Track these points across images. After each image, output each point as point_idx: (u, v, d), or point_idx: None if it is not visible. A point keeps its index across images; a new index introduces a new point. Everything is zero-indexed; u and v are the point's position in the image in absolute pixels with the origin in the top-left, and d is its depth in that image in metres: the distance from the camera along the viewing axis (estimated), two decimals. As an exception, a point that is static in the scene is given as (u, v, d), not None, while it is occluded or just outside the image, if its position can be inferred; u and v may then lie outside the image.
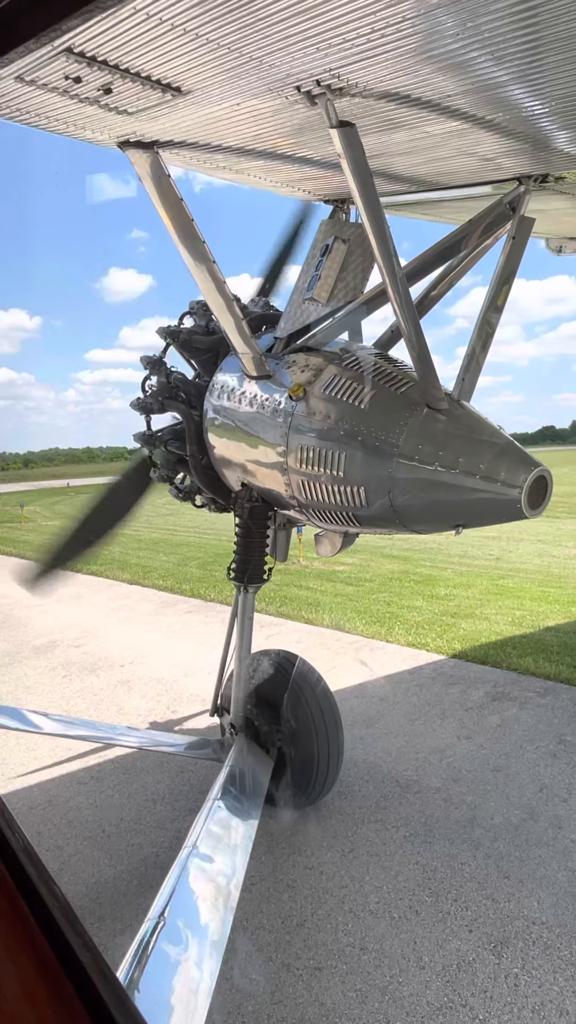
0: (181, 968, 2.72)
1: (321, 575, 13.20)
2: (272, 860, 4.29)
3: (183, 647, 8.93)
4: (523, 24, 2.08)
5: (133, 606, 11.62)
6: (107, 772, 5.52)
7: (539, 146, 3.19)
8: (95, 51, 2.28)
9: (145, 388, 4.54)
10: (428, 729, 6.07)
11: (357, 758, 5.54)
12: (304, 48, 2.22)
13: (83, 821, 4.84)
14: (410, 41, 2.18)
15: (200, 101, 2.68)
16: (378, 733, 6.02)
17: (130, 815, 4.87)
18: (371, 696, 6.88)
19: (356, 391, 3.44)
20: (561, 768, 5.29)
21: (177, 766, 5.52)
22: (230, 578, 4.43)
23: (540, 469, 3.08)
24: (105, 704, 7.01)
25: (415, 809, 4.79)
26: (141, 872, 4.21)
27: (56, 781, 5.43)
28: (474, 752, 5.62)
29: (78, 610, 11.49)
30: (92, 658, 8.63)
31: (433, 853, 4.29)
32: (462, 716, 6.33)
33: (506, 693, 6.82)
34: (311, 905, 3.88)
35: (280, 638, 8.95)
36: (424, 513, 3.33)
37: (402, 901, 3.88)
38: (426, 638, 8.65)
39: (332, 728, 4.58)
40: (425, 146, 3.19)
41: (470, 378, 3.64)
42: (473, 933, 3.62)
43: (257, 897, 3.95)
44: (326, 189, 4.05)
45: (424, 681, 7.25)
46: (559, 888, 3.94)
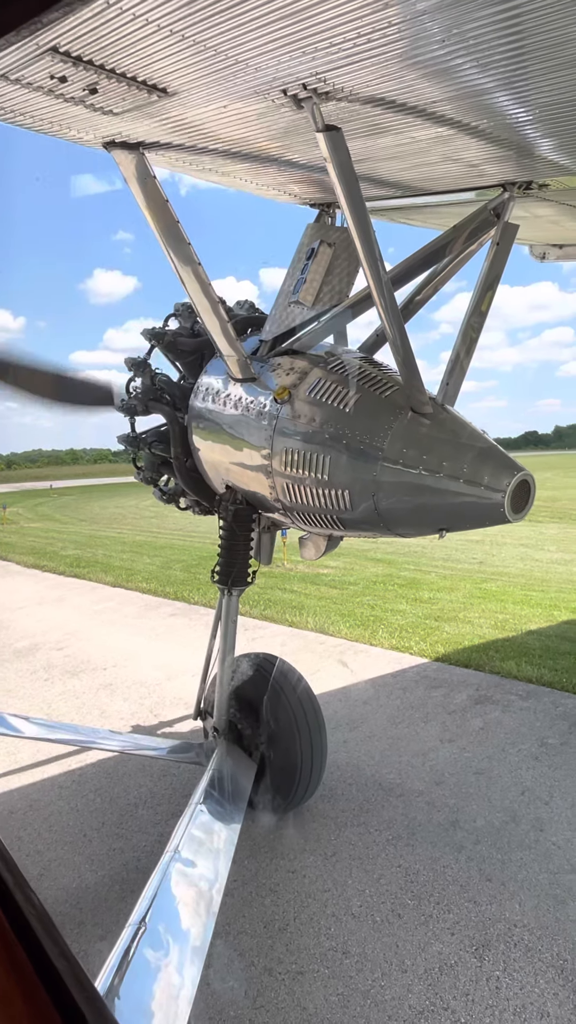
0: (162, 974, 2.70)
1: (305, 578, 13.19)
2: (255, 864, 4.26)
3: (167, 650, 8.88)
4: (508, 32, 2.10)
5: (116, 609, 11.55)
6: (88, 776, 5.48)
7: (523, 153, 3.22)
8: (81, 51, 2.27)
9: (129, 390, 4.52)
10: (411, 732, 6.09)
11: (340, 761, 5.53)
12: (290, 51, 2.23)
13: (64, 826, 4.79)
14: (396, 46, 2.19)
15: (186, 103, 2.67)
16: (361, 736, 6.02)
17: (112, 819, 4.83)
18: (355, 699, 6.87)
19: (341, 394, 3.45)
20: (543, 771, 5.31)
21: (159, 770, 5.48)
22: (214, 581, 4.41)
23: (523, 473, 3.10)
24: (87, 707, 6.95)
25: (398, 812, 4.79)
26: (123, 877, 4.17)
27: (37, 785, 5.37)
28: (457, 755, 5.63)
29: (61, 613, 11.40)
30: (74, 661, 8.56)
31: (416, 856, 4.29)
32: (445, 719, 6.34)
33: (489, 696, 6.85)
34: (294, 909, 3.87)
35: (264, 641, 8.93)
36: (408, 517, 3.33)
37: (384, 904, 3.87)
38: (410, 641, 8.67)
39: (316, 731, 4.57)
40: (411, 151, 3.20)
41: (454, 382, 3.66)
42: (455, 936, 3.62)
43: (239, 901, 3.93)
44: (312, 193, 4.06)
45: (408, 684, 7.27)
46: (540, 890, 3.95)
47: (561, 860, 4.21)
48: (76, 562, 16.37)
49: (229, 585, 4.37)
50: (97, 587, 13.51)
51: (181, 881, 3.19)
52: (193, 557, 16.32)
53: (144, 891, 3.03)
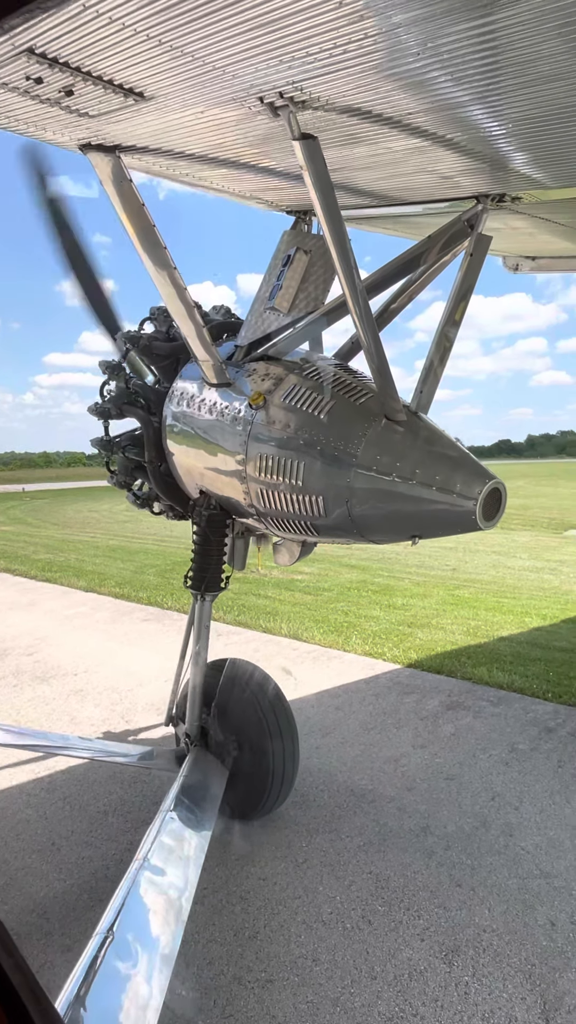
0: (130, 984, 2.66)
1: (280, 584, 13.16)
2: (225, 871, 4.23)
3: (139, 656, 8.80)
4: (482, 47, 2.13)
5: (88, 614, 11.42)
6: (58, 784, 5.40)
7: (497, 166, 3.26)
8: (57, 52, 2.26)
9: (103, 393, 4.48)
10: (383, 738, 6.10)
11: (312, 767, 5.53)
12: (267, 60, 2.24)
13: (32, 834, 4.71)
14: (372, 58, 2.21)
15: (163, 107, 2.67)
16: (334, 742, 6.02)
17: (81, 827, 4.77)
18: (328, 705, 6.87)
19: (316, 401, 3.46)
20: (513, 776, 5.36)
21: (130, 777, 5.43)
22: (187, 586, 4.39)
23: (494, 482, 3.14)
24: (57, 714, 6.86)
25: (369, 818, 4.80)
26: (92, 886, 4.12)
27: (3, 793, 5.29)
28: (428, 761, 5.66)
29: (31, 617, 11.25)
30: (44, 666, 8.45)
31: (387, 862, 4.30)
32: (417, 725, 6.37)
33: (460, 702, 6.90)
34: (264, 917, 3.85)
35: (237, 647, 8.90)
36: (381, 523, 3.35)
37: (355, 911, 3.87)
38: (383, 647, 8.70)
39: (288, 738, 4.56)
40: (386, 161, 3.23)
41: (428, 390, 3.69)
42: (425, 942, 3.63)
43: (209, 909, 3.90)
44: (288, 200, 4.08)
45: (380, 690, 7.30)
46: (509, 895, 3.98)
47: (530, 865, 4.25)
48: (48, 566, 16.15)
49: (202, 591, 4.35)
50: (69, 592, 13.37)
51: (150, 889, 3.16)
52: (167, 562, 16.21)
53: (112, 900, 2.99)
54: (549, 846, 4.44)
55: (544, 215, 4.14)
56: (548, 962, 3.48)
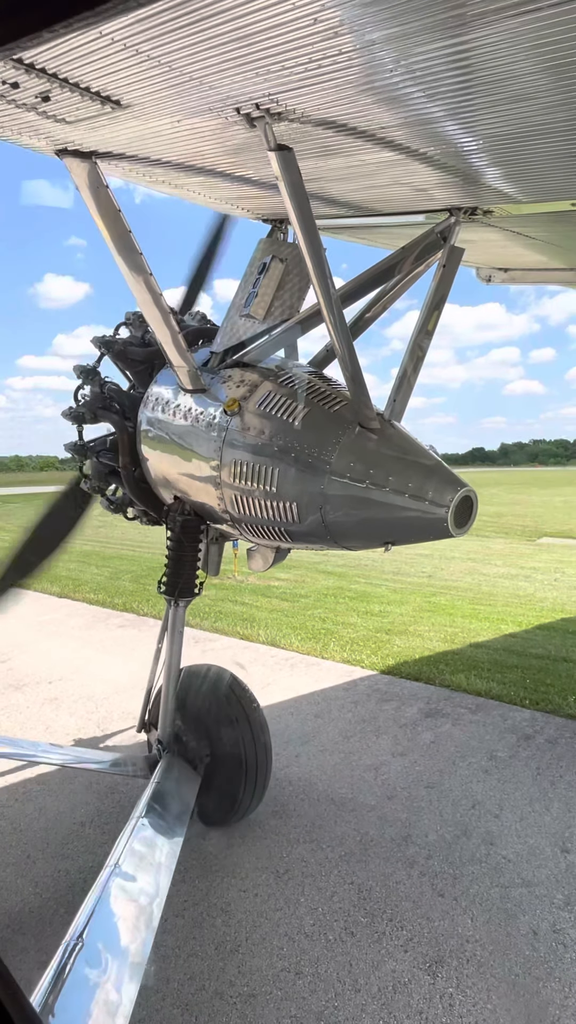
0: (99, 991, 2.65)
1: (256, 590, 13.14)
2: (206, 883, 4.20)
3: (115, 663, 8.72)
4: (455, 65, 2.18)
5: (63, 620, 11.29)
6: (32, 794, 5.32)
7: (469, 180, 3.33)
8: (33, 58, 2.26)
9: (78, 398, 4.46)
10: (363, 746, 6.10)
11: (292, 776, 5.51)
12: (244, 72, 2.26)
13: (5, 846, 4.64)
14: (348, 72, 2.24)
15: (140, 115, 2.68)
16: (313, 751, 6.01)
17: (56, 839, 4.69)
18: (306, 713, 6.85)
19: (290, 408, 3.49)
20: (493, 784, 5.38)
21: (106, 786, 5.37)
22: (160, 592, 4.38)
23: (466, 489, 3.19)
24: (32, 722, 6.76)
25: (350, 828, 4.78)
26: (68, 900, 4.04)
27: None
28: (408, 769, 5.66)
29: (3, 624, 10.97)
30: (18, 674, 8.33)
31: (368, 873, 4.29)
32: (396, 733, 6.38)
33: (439, 710, 6.92)
34: (246, 929, 3.82)
35: (215, 654, 8.86)
36: (354, 530, 3.39)
37: (337, 923, 3.85)
38: (361, 655, 8.72)
39: (261, 744, 4.57)
40: (361, 173, 3.28)
41: (401, 398, 3.73)
42: (408, 953, 3.62)
43: (190, 922, 3.86)
44: (264, 209, 4.11)
45: (359, 698, 7.30)
46: (491, 905, 3.98)
47: (512, 874, 4.25)
48: None
49: (176, 596, 4.35)
50: (42, 598, 13.16)
51: (120, 896, 3.14)
52: (142, 568, 16.07)
53: (82, 906, 2.97)
54: (530, 854, 4.45)
55: (516, 228, 4.23)
56: (531, 972, 3.48)
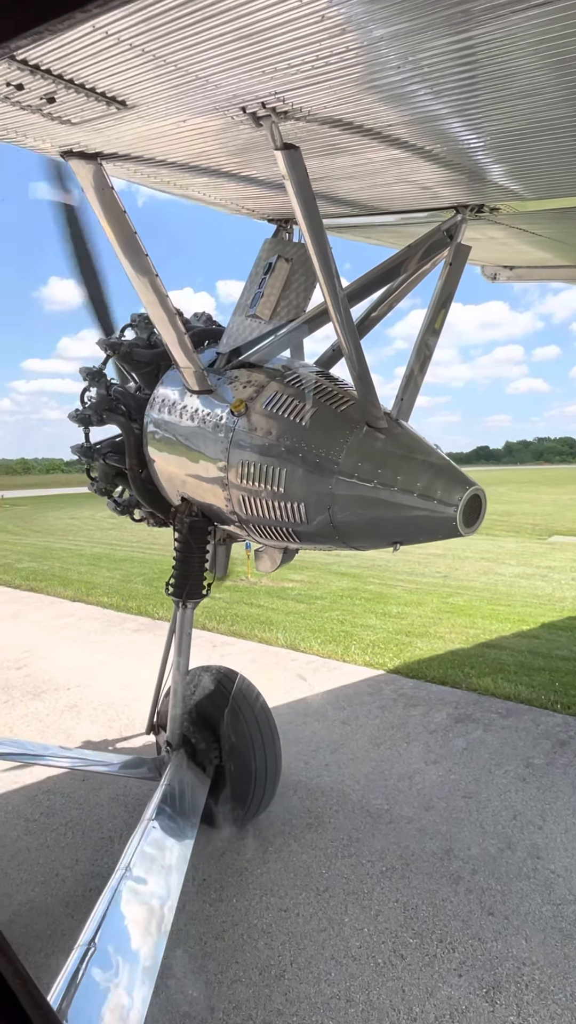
0: (111, 996, 2.64)
1: (271, 592, 12.96)
2: (244, 903, 4.00)
3: (133, 668, 8.52)
4: (460, 62, 2.17)
5: (77, 625, 11.13)
6: (57, 808, 5.15)
7: (475, 178, 3.31)
8: (39, 59, 2.26)
9: (84, 400, 4.46)
10: (394, 754, 5.90)
11: (324, 786, 5.33)
12: (250, 70, 2.25)
13: (34, 864, 4.47)
14: (353, 70, 2.23)
15: (145, 116, 2.68)
16: (344, 759, 5.82)
17: (86, 856, 4.52)
18: (333, 719, 6.65)
19: (297, 408, 3.48)
20: (532, 793, 5.17)
21: (134, 799, 5.17)
22: (168, 593, 4.37)
23: (475, 488, 3.17)
24: (52, 731, 6.60)
25: (389, 841, 4.57)
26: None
27: (0, 820, 5.17)
28: (443, 778, 5.45)
29: (18, 629, 10.99)
30: (35, 681, 8.18)
31: (412, 889, 4.08)
32: (427, 739, 6.17)
33: (469, 715, 6.71)
34: (290, 952, 3.60)
35: (234, 658, 8.72)
36: (363, 530, 3.37)
37: (385, 944, 3.64)
38: (383, 657, 8.54)
39: (270, 744, 4.56)
40: (367, 172, 3.27)
41: (408, 398, 3.72)
42: (463, 978, 3.40)
43: (231, 945, 3.67)
44: (270, 208, 4.10)
45: (386, 703, 7.09)
46: (545, 924, 3.76)
47: (563, 890, 4.05)
48: (32, 575, 15.77)
49: (184, 598, 4.34)
50: (56, 602, 13.04)
51: (132, 899, 3.14)
52: (154, 570, 15.88)
53: (93, 911, 2.97)
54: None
55: (521, 225, 4.21)
56: (595, 997, 3.24)
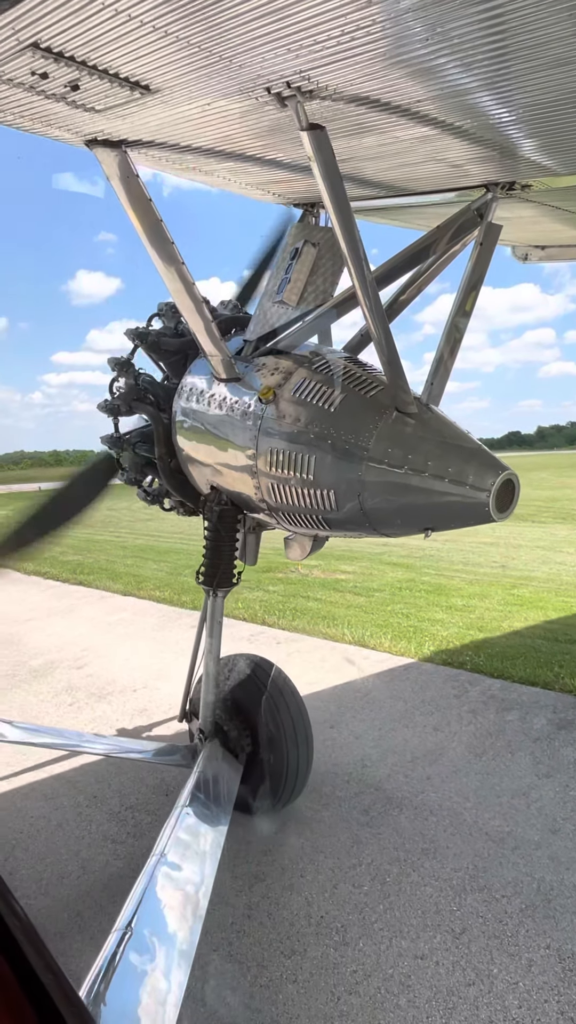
0: (149, 979, 2.67)
1: (325, 584, 12.32)
2: (373, 947, 3.49)
3: None
4: (491, 31, 2.10)
5: (132, 620, 10.53)
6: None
7: (506, 154, 3.23)
8: (62, 47, 2.25)
9: (113, 390, 4.48)
10: (500, 766, 5.35)
11: (431, 804, 4.81)
12: (275, 49, 2.22)
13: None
14: (380, 45, 2.18)
15: (169, 100, 2.65)
16: (445, 771, 5.28)
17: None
18: (422, 725, 6.12)
19: (326, 394, 3.44)
20: None
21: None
22: (199, 582, 4.39)
23: (508, 473, 3.11)
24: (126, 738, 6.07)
25: (521, 872, 4.04)
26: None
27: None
28: (562, 794, 4.86)
29: (73, 625, 10.39)
30: (99, 681, 7.69)
31: (563, 933, 3.54)
32: (532, 749, 5.58)
33: (571, 720, 6.07)
34: (439, 1014, 3.07)
35: (302, 656, 8.12)
36: (394, 516, 3.33)
37: (550, 1005, 3.08)
38: (462, 656, 7.83)
39: (302, 732, 4.56)
40: (394, 151, 3.21)
41: (438, 382, 3.66)
42: None
43: (369, 1002, 3.15)
44: (296, 193, 4.06)
45: (475, 706, 6.48)
46: None
47: None
48: (79, 568, 15.12)
49: (214, 586, 4.35)
50: (106, 596, 12.42)
51: (167, 885, 3.16)
52: (201, 562, 14.78)
53: (130, 895, 3.00)
54: None
55: (554, 203, 4.10)
56: None
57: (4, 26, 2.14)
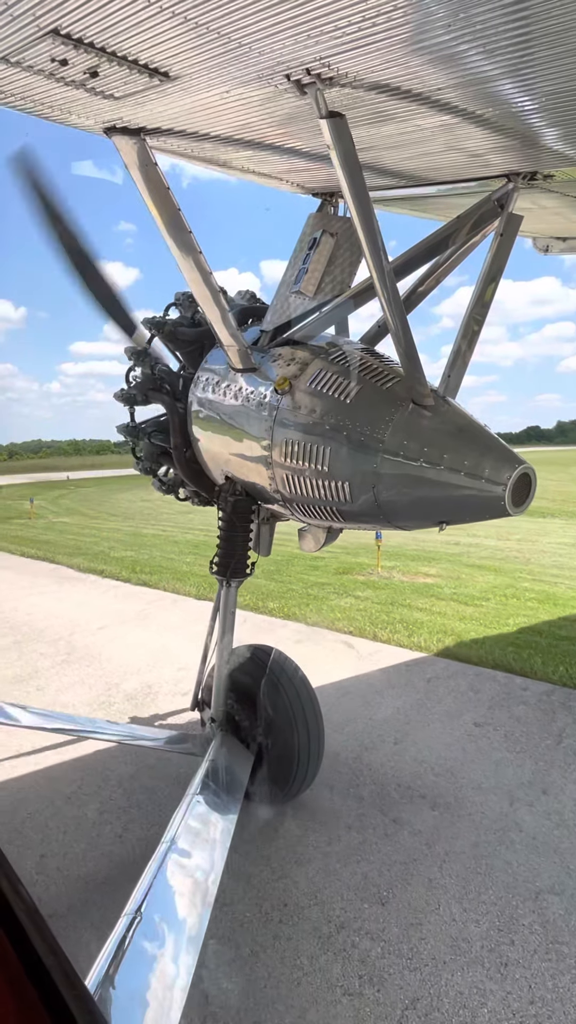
0: (157, 964, 2.70)
1: (417, 590, 11.05)
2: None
3: (330, 701, 6.34)
4: (515, 17, 2.07)
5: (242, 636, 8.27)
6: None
7: (528, 143, 3.18)
8: (82, 33, 2.24)
9: (129, 379, 4.49)
10: None
11: None
12: (294, 35, 2.19)
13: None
14: (401, 31, 2.15)
15: (188, 87, 2.64)
16: None
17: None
18: None
19: (342, 386, 3.43)
20: None
21: None
22: (212, 572, 4.40)
23: (524, 467, 3.09)
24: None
25: None
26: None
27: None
28: None
29: (154, 635, 9.03)
30: None
31: None
32: None
33: None
34: None
35: (446, 684, 6.90)
36: (408, 509, 3.32)
37: None
38: None
39: (312, 722, 4.56)
40: (414, 140, 3.17)
41: (456, 375, 3.63)
42: None
43: None
44: (315, 182, 4.03)
45: None
46: None
47: None
48: (136, 566, 13.79)
49: (228, 577, 4.36)
50: (179, 599, 10.97)
51: (177, 871, 3.19)
52: (269, 562, 12.47)
53: (140, 881, 3.03)
54: None
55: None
56: None
57: (25, 12, 2.13)
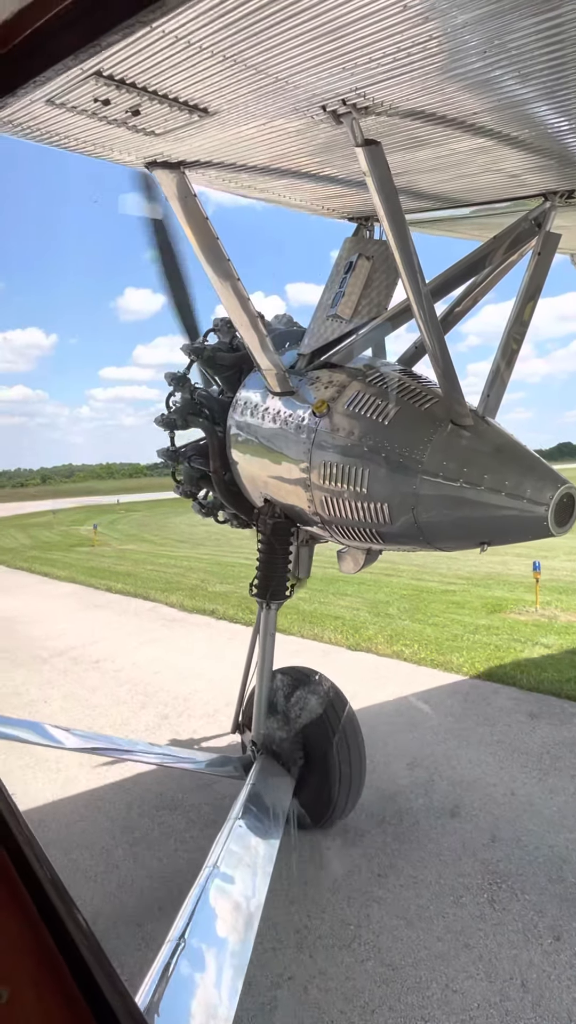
0: (200, 991, 2.68)
1: (545, 627, 9.70)
2: None
3: (516, 775, 5.39)
4: (549, 42, 2.08)
5: (382, 681, 7.78)
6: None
7: (565, 162, 3.18)
8: (124, 74, 2.32)
9: (169, 404, 4.56)
10: None
11: None
12: (330, 68, 2.24)
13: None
14: (436, 60, 2.18)
15: (226, 122, 2.70)
16: None
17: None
18: None
19: (380, 407, 3.43)
20: None
21: None
22: (252, 595, 4.41)
23: (567, 487, 3.05)
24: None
25: None
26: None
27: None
28: None
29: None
30: None
31: None
32: None
33: None
34: None
35: None
36: (449, 530, 3.29)
37: None
38: None
39: (355, 748, 4.51)
40: (450, 163, 3.19)
41: (495, 394, 3.61)
42: None
43: None
44: (350, 207, 4.07)
45: None
46: None
47: None
48: (244, 604, 12.12)
49: (268, 599, 4.36)
50: (329, 650, 9.29)
51: (220, 897, 3.17)
52: (404, 599, 11.84)
53: (183, 907, 3.01)
54: None
55: (615, 210, 4.01)
56: None
57: (68, 56, 2.21)
